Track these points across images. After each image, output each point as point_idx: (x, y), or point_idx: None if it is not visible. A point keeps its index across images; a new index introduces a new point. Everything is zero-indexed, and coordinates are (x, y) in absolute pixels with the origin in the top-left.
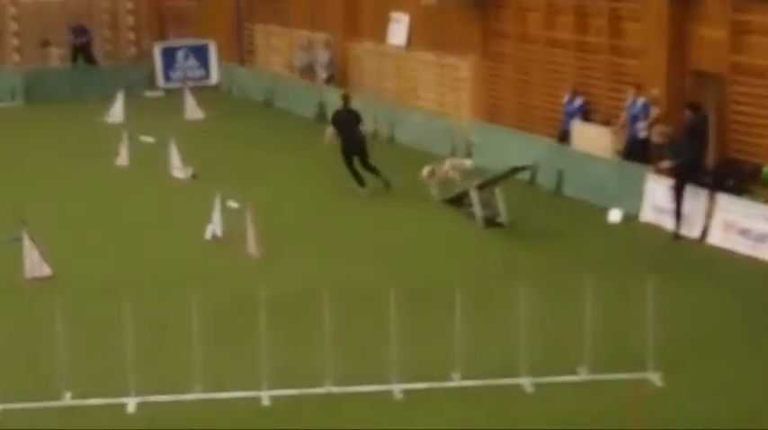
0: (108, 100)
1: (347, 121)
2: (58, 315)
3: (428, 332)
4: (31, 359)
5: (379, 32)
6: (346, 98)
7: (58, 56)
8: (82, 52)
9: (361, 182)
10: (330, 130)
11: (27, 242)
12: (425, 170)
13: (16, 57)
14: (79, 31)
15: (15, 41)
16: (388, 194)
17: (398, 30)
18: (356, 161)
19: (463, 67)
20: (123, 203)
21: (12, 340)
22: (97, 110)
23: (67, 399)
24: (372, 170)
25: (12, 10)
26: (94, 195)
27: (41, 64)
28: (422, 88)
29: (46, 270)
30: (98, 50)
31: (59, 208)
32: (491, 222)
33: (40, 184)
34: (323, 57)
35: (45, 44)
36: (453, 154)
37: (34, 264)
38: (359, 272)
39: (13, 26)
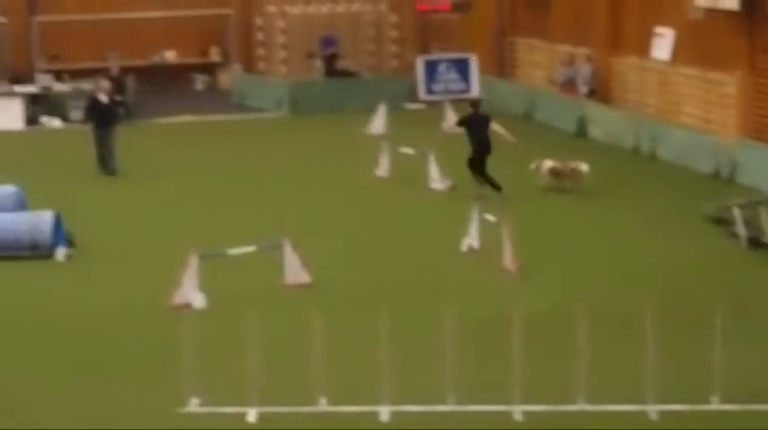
0: (370, 111)
1: (480, 126)
2: (315, 322)
3: (685, 353)
4: (289, 364)
5: (643, 47)
6: (475, 104)
7: (322, 68)
8: (328, 63)
9: (497, 186)
10: (457, 130)
11: (287, 249)
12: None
13: (283, 68)
14: (327, 41)
15: (283, 53)
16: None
17: (662, 44)
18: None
19: (730, 83)
20: (381, 214)
21: (270, 344)
22: (359, 121)
23: (323, 405)
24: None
25: (280, 23)
26: (354, 205)
27: (307, 75)
28: (686, 104)
29: (305, 277)
30: (360, 63)
31: (319, 216)
32: (756, 243)
33: (301, 193)
34: (584, 71)
35: (311, 56)
36: (717, 172)
37: (294, 271)
38: (617, 290)
39: (281, 38)
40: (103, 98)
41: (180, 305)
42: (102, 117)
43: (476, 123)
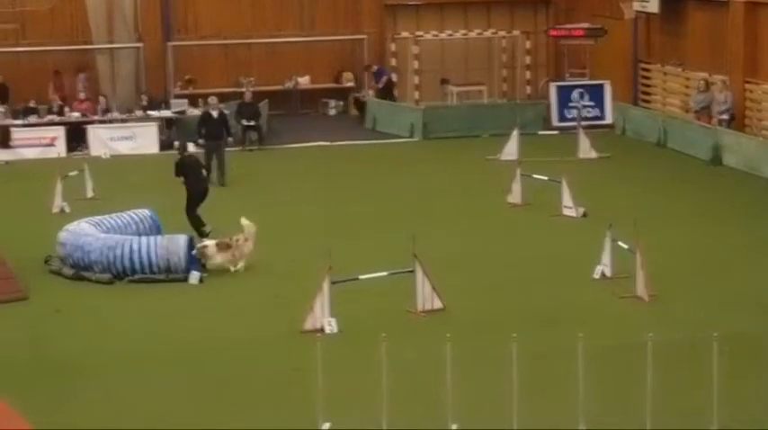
0: (502, 137)
1: (194, 169)
2: (447, 347)
3: None
4: (420, 389)
5: None
6: (182, 147)
7: (455, 93)
8: (384, 92)
9: (201, 231)
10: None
11: (419, 275)
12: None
13: (416, 94)
14: (379, 72)
15: (416, 79)
16: None
17: None
18: None
19: None
20: (513, 240)
21: (402, 369)
22: (492, 147)
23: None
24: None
25: (414, 48)
26: (486, 231)
27: (439, 101)
28: None
29: (437, 303)
30: (494, 90)
31: (451, 242)
32: None
33: (433, 218)
34: (720, 98)
35: (443, 82)
36: None
37: (426, 296)
38: (750, 322)
39: (415, 64)
40: (214, 113)
41: (312, 330)
42: (212, 131)
43: (189, 167)
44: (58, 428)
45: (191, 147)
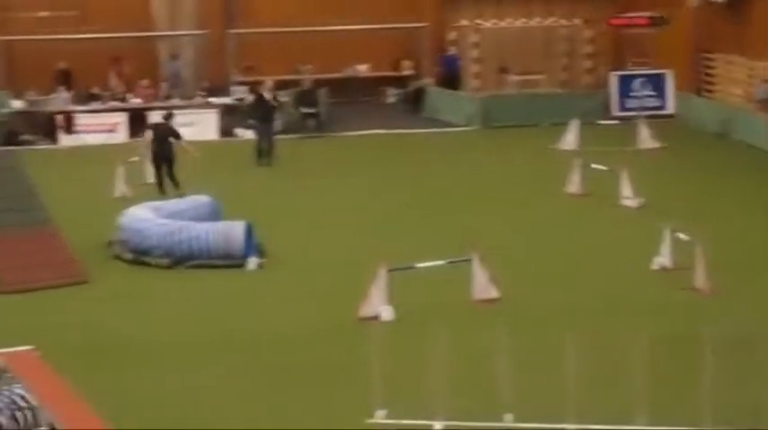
0: (562, 127)
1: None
2: (502, 337)
3: None
4: (475, 378)
5: None
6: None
7: (514, 82)
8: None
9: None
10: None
11: (476, 264)
12: None
13: (475, 83)
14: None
15: (475, 68)
16: None
17: None
18: None
19: None
20: (571, 230)
21: (457, 358)
22: (551, 136)
23: (508, 421)
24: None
25: (473, 37)
26: (544, 221)
27: (498, 90)
28: None
29: (493, 293)
30: (554, 79)
31: (508, 231)
32: None
33: (491, 208)
34: None
35: (503, 71)
36: None
37: (482, 286)
38: None
39: (474, 53)
40: (267, 96)
41: (368, 317)
42: (264, 113)
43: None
44: (114, 410)
45: (239, 131)
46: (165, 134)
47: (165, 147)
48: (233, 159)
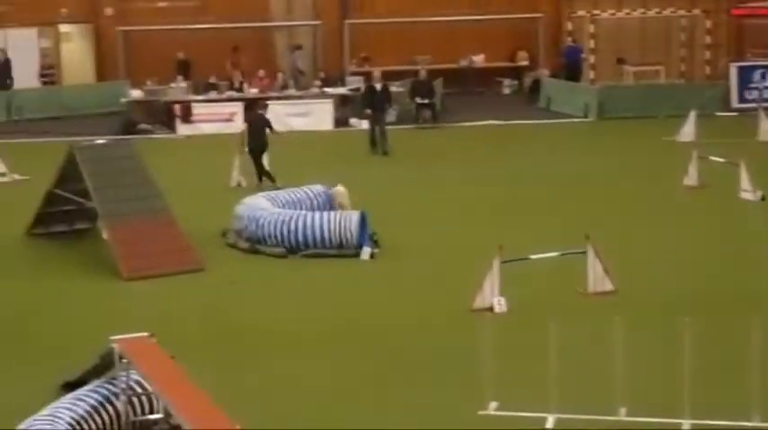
0: (679, 118)
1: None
2: (617, 330)
3: None
4: (589, 371)
5: None
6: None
7: (632, 73)
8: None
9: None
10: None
11: (591, 256)
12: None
13: (591, 73)
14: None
15: (591, 58)
16: None
17: None
18: None
19: None
20: (688, 222)
21: (571, 351)
22: (668, 128)
23: (622, 415)
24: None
25: (591, 27)
26: (660, 213)
27: (615, 81)
28: None
29: (608, 285)
30: (672, 70)
31: (624, 223)
32: None
33: (606, 199)
34: None
35: (620, 62)
36: None
37: (597, 278)
38: None
39: (591, 44)
40: (378, 86)
41: (481, 309)
42: (376, 103)
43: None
44: (228, 397)
45: (353, 121)
46: (261, 125)
47: (261, 138)
48: (347, 149)
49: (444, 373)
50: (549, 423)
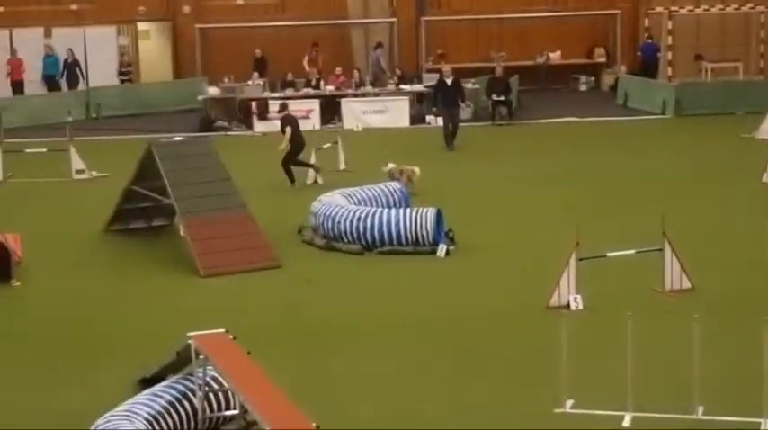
0: (758, 115)
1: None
2: (695, 328)
3: None
4: (666, 369)
5: None
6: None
7: (710, 70)
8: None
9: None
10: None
11: (668, 254)
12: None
13: (669, 70)
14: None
15: (669, 55)
16: None
17: None
18: None
19: None
20: (766, 220)
21: (648, 349)
22: (746, 125)
23: (700, 414)
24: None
25: (668, 24)
26: (739, 210)
27: (693, 77)
28: None
29: (685, 283)
30: (751, 66)
31: (702, 221)
32: None
33: (683, 196)
34: None
35: (698, 58)
36: None
37: (674, 276)
38: None
39: (669, 40)
40: (448, 81)
41: (557, 306)
42: (447, 97)
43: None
44: (305, 394)
45: (430, 118)
46: (297, 124)
47: (302, 138)
48: (423, 146)
49: (520, 371)
50: (626, 421)
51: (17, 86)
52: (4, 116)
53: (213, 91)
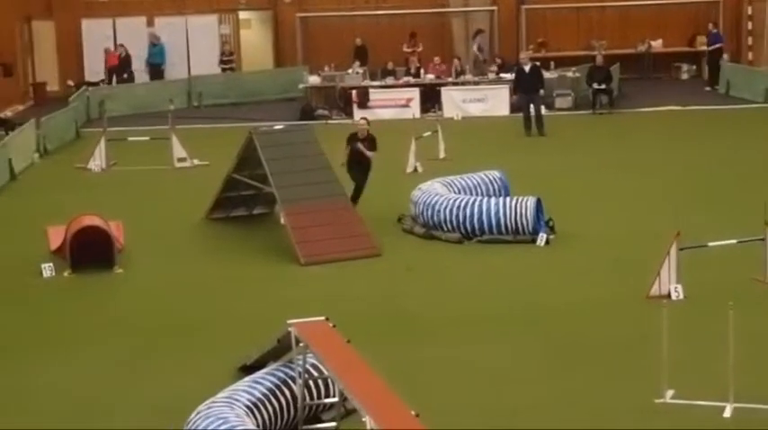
0: None
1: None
2: None
3: None
4: (764, 361)
5: None
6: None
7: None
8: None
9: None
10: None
11: None
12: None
13: None
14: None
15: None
16: None
17: None
18: None
19: None
20: None
21: (749, 339)
22: None
23: None
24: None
25: (748, 9)
26: None
27: None
28: None
29: None
30: None
31: None
32: None
33: None
34: None
35: None
36: None
37: None
38: None
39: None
40: (527, 68)
41: (657, 296)
42: (525, 84)
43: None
44: (403, 383)
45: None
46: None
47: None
48: (522, 134)
49: (620, 360)
50: (727, 412)
51: (111, 71)
52: (108, 105)
53: (314, 79)
